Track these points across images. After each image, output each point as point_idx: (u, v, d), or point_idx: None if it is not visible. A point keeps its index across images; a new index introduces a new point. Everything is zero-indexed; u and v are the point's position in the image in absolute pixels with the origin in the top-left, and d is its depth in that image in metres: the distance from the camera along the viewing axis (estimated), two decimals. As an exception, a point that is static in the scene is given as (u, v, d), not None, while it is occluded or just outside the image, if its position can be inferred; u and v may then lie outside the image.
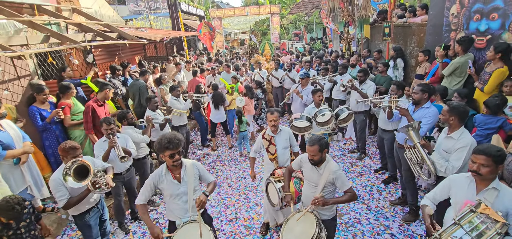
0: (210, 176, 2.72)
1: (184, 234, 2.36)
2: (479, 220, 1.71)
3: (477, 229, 1.69)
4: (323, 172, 2.50)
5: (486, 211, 1.72)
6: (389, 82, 5.59)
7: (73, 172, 2.57)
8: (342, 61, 7.23)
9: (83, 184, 2.59)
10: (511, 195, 1.86)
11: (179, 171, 2.47)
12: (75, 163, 2.59)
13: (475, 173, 1.93)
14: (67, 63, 5.31)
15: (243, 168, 5.59)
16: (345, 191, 2.52)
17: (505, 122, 3.06)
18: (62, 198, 2.64)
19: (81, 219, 2.89)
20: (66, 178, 2.53)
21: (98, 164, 3.07)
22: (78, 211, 2.84)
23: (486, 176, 1.90)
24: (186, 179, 2.48)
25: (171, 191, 2.46)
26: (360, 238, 3.50)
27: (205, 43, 13.57)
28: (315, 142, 2.41)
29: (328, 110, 4.13)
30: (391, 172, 4.55)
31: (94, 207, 2.98)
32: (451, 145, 2.64)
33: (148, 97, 4.67)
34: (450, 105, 2.63)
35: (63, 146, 2.71)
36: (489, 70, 3.65)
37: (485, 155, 1.87)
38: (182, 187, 2.47)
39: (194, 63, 9.61)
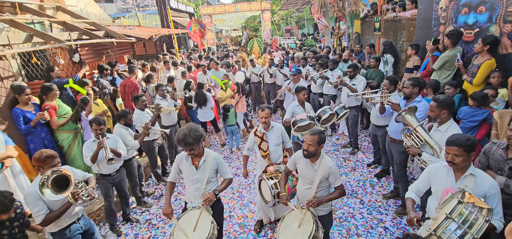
0: (227, 173, 2.79)
1: (188, 219, 2.50)
2: (467, 211, 1.76)
3: (467, 221, 1.73)
4: (318, 167, 2.51)
5: (471, 199, 1.79)
6: (381, 77, 5.63)
7: (51, 183, 2.34)
8: (334, 57, 7.24)
9: (63, 196, 2.37)
10: (486, 180, 1.99)
11: (198, 159, 2.64)
12: (54, 172, 2.37)
13: (451, 163, 2.04)
14: (53, 63, 5.14)
15: (236, 165, 5.55)
16: (336, 187, 2.55)
17: (489, 115, 3.10)
18: (40, 213, 2.39)
19: (61, 236, 2.61)
20: (43, 190, 2.29)
21: (79, 174, 2.85)
22: (58, 227, 2.58)
23: (461, 165, 2.01)
24: (203, 167, 2.63)
25: (187, 175, 2.69)
26: (354, 232, 3.52)
27: (196, 41, 13.41)
28: (316, 132, 2.45)
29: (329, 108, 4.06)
30: (384, 166, 4.58)
31: (75, 222, 2.72)
32: (438, 138, 2.67)
33: (136, 96, 4.54)
34: (438, 100, 2.64)
35: (38, 156, 2.43)
36: (477, 63, 3.70)
37: (456, 145, 1.98)
38: (198, 175, 2.64)
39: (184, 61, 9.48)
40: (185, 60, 9.96)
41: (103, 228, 4.03)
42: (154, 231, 3.93)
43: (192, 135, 2.44)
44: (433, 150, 2.66)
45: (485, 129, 3.11)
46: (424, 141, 2.73)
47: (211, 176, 2.68)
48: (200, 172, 2.63)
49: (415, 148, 2.79)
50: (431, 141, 2.67)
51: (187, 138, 2.42)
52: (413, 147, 2.81)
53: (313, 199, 2.48)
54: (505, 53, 3.58)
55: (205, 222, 2.44)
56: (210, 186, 2.70)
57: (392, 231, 3.47)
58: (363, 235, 3.47)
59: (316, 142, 2.43)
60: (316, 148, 2.45)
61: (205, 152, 2.67)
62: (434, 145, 2.65)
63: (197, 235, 2.35)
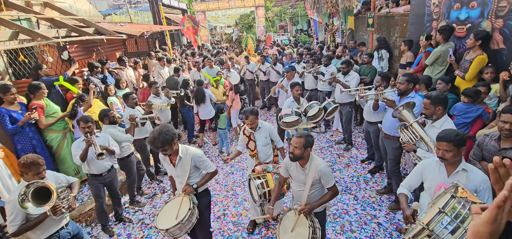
0: (209, 167, 2.81)
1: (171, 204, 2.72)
2: (460, 205, 1.75)
3: (460, 215, 1.72)
4: (308, 171, 2.47)
5: (464, 194, 1.78)
6: (374, 73, 5.64)
7: (32, 196, 2.21)
8: (327, 53, 7.22)
9: (44, 208, 2.27)
10: (477, 175, 2.01)
11: (174, 157, 2.71)
12: (32, 185, 2.23)
13: (441, 158, 2.05)
14: (41, 61, 5.01)
15: (230, 164, 5.51)
16: (328, 188, 2.52)
17: (483, 111, 3.12)
18: (14, 224, 2.27)
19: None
20: (25, 205, 2.17)
21: (62, 178, 2.73)
22: (44, 234, 2.44)
23: (451, 160, 2.02)
24: (180, 165, 2.70)
25: (169, 171, 2.89)
26: (348, 228, 3.53)
27: (189, 38, 13.24)
28: (303, 135, 2.40)
29: (316, 104, 4.08)
30: (378, 162, 4.60)
31: (64, 227, 2.60)
32: (433, 134, 2.66)
33: (126, 94, 4.46)
34: (431, 96, 2.63)
35: (23, 161, 2.31)
36: (468, 58, 3.72)
37: (446, 140, 1.99)
38: (177, 171, 2.74)
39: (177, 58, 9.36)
40: (178, 57, 9.84)
41: (95, 228, 3.96)
42: (147, 230, 3.88)
43: (162, 139, 2.44)
44: (428, 146, 2.66)
45: (479, 125, 3.13)
46: (419, 137, 2.73)
47: (192, 172, 2.74)
48: (178, 169, 2.72)
49: (411, 144, 2.79)
50: (426, 137, 2.68)
51: (156, 142, 2.46)
52: (409, 142, 2.81)
53: (305, 207, 2.47)
54: (497, 48, 3.60)
55: (184, 208, 2.60)
56: (192, 179, 2.79)
57: (385, 227, 3.49)
58: (357, 231, 3.47)
59: (302, 145, 2.36)
60: (302, 151, 2.38)
61: (180, 150, 2.68)
62: (429, 141, 2.66)
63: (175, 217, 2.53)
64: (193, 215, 2.61)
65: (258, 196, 2.91)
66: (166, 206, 2.73)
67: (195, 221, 2.64)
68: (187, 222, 2.53)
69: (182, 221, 2.48)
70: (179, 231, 2.52)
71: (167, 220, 2.55)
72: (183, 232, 2.57)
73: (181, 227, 2.50)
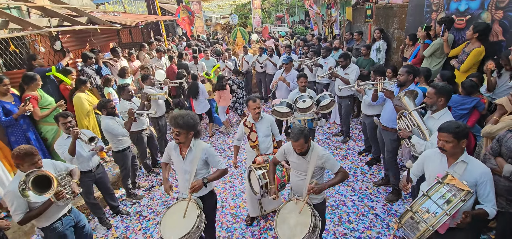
0: (220, 163, 2.72)
1: (176, 210, 2.50)
2: (446, 190, 1.85)
3: (444, 198, 1.83)
4: (310, 159, 2.46)
5: (452, 181, 1.85)
6: (371, 65, 5.61)
7: (32, 184, 2.22)
8: (325, 45, 7.17)
9: (46, 197, 2.28)
10: (478, 167, 2.00)
11: (185, 149, 2.58)
12: (32, 174, 2.24)
13: (441, 149, 2.06)
14: (33, 51, 4.87)
15: (228, 155, 5.50)
16: (336, 172, 2.50)
17: (479, 102, 3.13)
18: (18, 212, 2.29)
19: (52, 231, 2.51)
20: (26, 193, 2.19)
21: (61, 166, 2.72)
22: (48, 221, 2.47)
23: (451, 151, 2.02)
24: (190, 158, 2.58)
25: (176, 164, 2.68)
26: (346, 219, 3.56)
27: (184, 28, 13.04)
28: (299, 136, 2.33)
29: (308, 97, 4.11)
30: (374, 154, 4.62)
31: (66, 215, 2.63)
32: (431, 124, 2.67)
33: (121, 86, 4.35)
34: (437, 87, 2.62)
35: (17, 152, 2.29)
36: (467, 50, 3.71)
37: (446, 131, 2.00)
38: (185, 166, 2.59)
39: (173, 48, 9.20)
40: (174, 48, 9.67)
41: (92, 221, 3.93)
42: (145, 223, 3.87)
43: (185, 119, 2.41)
44: (423, 134, 2.68)
45: (475, 116, 3.15)
46: (416, 125, 2.73)
47: (200, 168, 2.61)
48: (188, 163, 2.59)
49: (406, 131, 2.80)
50: (423, 125, 2.69)
51: (178, 119, 2.41)
52: (405, 130, 2.81)
53: (314, 185, 2.38)
54: (496, 40, 3.60)
55: (191, 215, 2.40)
56: (200, 177, 2.63)
57: (382, 218, 3.52)
58: (354, 222, 3.51)
59: (303, 143, 2.35)
60: (307, 146, 2.39)
61: (192, 143, 2.59)
62: (425, 130, 2.67)
63: (181, 227, 2.34)
64: (202, 222, 2.44)
65: (260, 186, 2.88)
66: (169, 211, 2.52)
67: (204, 227, 2.47)
68: (196, 230, 2.34)
69: (192, 231, 2.29)
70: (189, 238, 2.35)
71: (174, 228, 2.36)
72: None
73: (191, 236, 2.32)
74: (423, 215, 1.83)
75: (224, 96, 6.13)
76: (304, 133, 2.33)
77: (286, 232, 2.40)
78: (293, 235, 2.34)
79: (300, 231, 2.32)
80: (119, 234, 3.70)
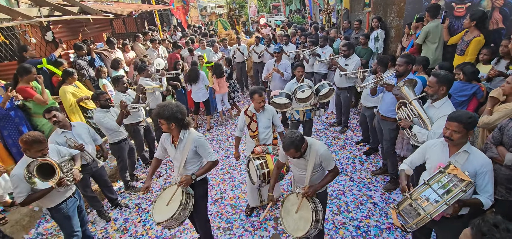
0: (209, 155, 2.69)
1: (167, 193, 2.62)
2: (447, 179, 1.85)
3: (444, 187, 1.84)
4: (309, 157, 2.43)
5: (454, 171, 1.85)
6: (369, 54, 5.58)
7: (37, 172, 2.37)
8: (322, 34, 7.09)
9: (50, 184, 2.42)
10: (479, 158, 1.99)
11: (176, 139, 2.64)
12: (35, 162, 2.38)
13: (448, 138, 2.02)
14: (23, 42, 4.72)
15: (226, 147, 5.48)
16: (329, 170, 2.51)
17: (478, 90, 3.13)
18: (21, 195, 2.44)
19: (58, 211, 2.68)
20: (33, 180, 2.35)
21: (64, 152, 2.85)
22: (54, 202, 2.63)
23: (457, 141, 2.00)
24: (180, 148, 2.63)
25: (170, 153, 2.75)
26: (344, 209, 3.59)
27: (179, 18, 12.80)
28: (289, 146, 2.26)
29: (307, 86, 4.08)
30: (372, 144, 4.64)
31: (71, 197, 2.77)
32: (432, 113, 2.67)
33: (116, 77, 4.25)
34: (439, 76, 2.58)
35: (25, 138, 2.42)
36: (466, 39, 3.69)
37: (457, 121, 1.95)
38: (176, 153, 2.66)
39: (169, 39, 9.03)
40: (169, 38, 9.49)
41: (91, 214, 3.90)
42: (144, 215, 3.85)
43: (169, 111, 2.45)
44: (424, 124, 2.67)
45: (474, 104, 3.15)
46: (417, 115, 2.72)
47: (190, 157, 2.65)
48: (178, 151, 2.65)
49: (407, 121, 2.79)
50: (424, 115, 2.68)
51: (164, 110, 2.45)
52: (406, 119, 2.81)
53: (308, 190, 2.44)
54: (496, 28, 3.58)
55: (176, 202, 2.51)
56: (190, 166, 2.70)
57: (381, 206, 3.56)
58: (353, 211, 3.54)
59: (295, 151, 2.29)
60: (300, 152, 2.33)
61: (181, 134, 2.62)
62: (426, 119, 2.67)
63: (167, 211, 2.47)
64: (186, 209, 2.55)
65: (258, 176, 2.89)
66: (164, 192, 2.66)
67: (189, 214, 2.60)
68: (179, 216, 2.49)
69: (173, 217, 2.43)
70: (174, 223, 2.53)
71: (162, 211, 2.52)
72: (177, 224, 2.58)
73: (173, 221, 2.48)
74: (422, 203, 1.84)
75: (222, 84, 6.07)
76: (294, 143, 2.24)
77: (291, 224, 2.46)
78: (297, 228, 2.41)
79: (303, 225, 2.38)
80: (118, 227, 3.68)
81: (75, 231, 2.80)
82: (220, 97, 6.28)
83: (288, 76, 5.35)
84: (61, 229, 2.85)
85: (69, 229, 2.77)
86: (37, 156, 2.46)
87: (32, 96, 3.74)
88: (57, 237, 3.52)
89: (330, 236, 3.20)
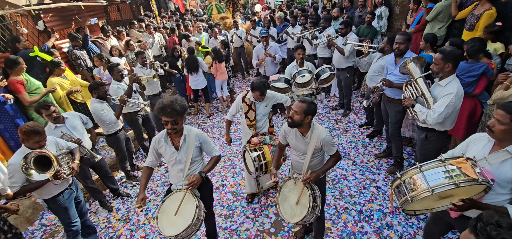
0: (213, 150, 2.55)
1: (172, 202, 2.34)
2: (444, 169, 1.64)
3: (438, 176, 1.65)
4: (309, 140, 2.33)
5: (461, 164, 1.62)
6: (373, 34, 5.37)
7: (34, 164, 2.37)
8: (324, 14, 6.83)
9: (47, 176, 2.42)
10: None
11: (178, 138, 2.39)
12: (32, 153, 2.37)
13: (489, 129, 1.74)
14: (15, 33, 4.60)
15: (226, 134, 5.41)
16: (331, 156, 2.42)
17: (487, 68, 2.96)
18: (15, 184, 2.44)
19: (54, 203, 2.68)
20: (30, 172, 2.35)
21: (62, 144, 2.81)
22: (50, 194, 2.63)
23: (500, 135, 1.69)
24: (184, 148, 2.40)
25: (168, 157, 2.43)
26: (347, 193, 3.53)
27: (177, 3, 12.47)
28: (306, 101, 2.23)
29: (307, 71, 3.99)
30: (377, 127, 4.52)
31: (67, 188, 2.76)
32: (437, 92, 2.54)
33: (111, 65, 4.12)
34: (444, 52, 2.43)
35: (24, 128, 2.41)
36: (476, 13, 3.49)
37: (505, 110, 1.64)
38: (179, 155, 2.40)
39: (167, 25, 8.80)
40: (168, 24, 9.25)
41: (93, 204, 3.91)
42: (146, 204, 3.84)
43: (179, 103, 2.22)
44: (427, 102, 2.55)
45: (484, 83, 3.00)
46: (421, 93, 2.60)
47: (195, 156, 2.44)
48: (182, 152, 2.38)
49: (410, 99, 2.68)
50: (427, 93, 2.56)
51: (175, 105, 2.18)
52: (410, 98, 2.69)
53: (309, 175, 2.34)
54: (508, 0, 3.36)
55: (189, 207, 2.25)
56: (195, 166, 2.48)
57: (384, 190, 3.50)
58: (356, 195, 3.48)
59: (303, 110, 2.19)
60: (302, 118, 2.22)
61: (185, 129, 2.40)
62: (429, 97, 2.54)
63: (180, 220, 2.20)
64: (202, 211, 2.31)
65: (255, 168, 2.82)
66: (164, 204, 2.33)
67: (204, 216, 2.35)
68: (197, 221, 2.22)
69: (193, 223, 2.17)
70: (191, 231, 2.23)
71: (172, 223, 2.22)
72: (194, 232, 2.28)
73: (192, 228, 2.21)
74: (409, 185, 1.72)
75: (221, 70, 5.92)
76: (311, 105, 2.24)
77: (288, 210, 2.40)
78: (294, 214, 2.35)
79: (300, 211, 2.32)
80: (120, 216, 3.69)
81: (72, 222, 2.81)
82: (219, 84, 6.15)
83: (280, 58, 5.39)
84: (60, 220, 2.87)
85: (67, 220, 2.78)
86: (35, 147, 2.45)
87: (19, 93, 3.66)
88: (60, 227, 3.53)
89: (332, 221, 3.16)
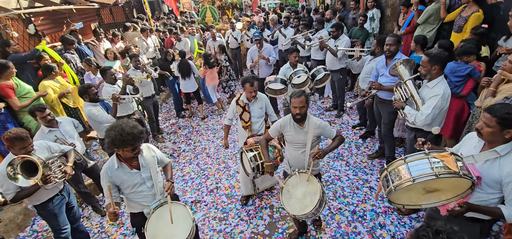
0: (164, 157, 2.52)
1: (159, 218, 2.21)
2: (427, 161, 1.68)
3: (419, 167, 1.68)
4: (307, 129, 2.45)
5: (444, 158, 1.65)
6: (365, 36, 5.43)
7: (21, 169, 2.32)
8: (316, 16, 6.89)
9: (32, 181, 2.35)
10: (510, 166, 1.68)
11: (136, 159, 2.18)
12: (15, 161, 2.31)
13: (477, 131, 1.79)
14: (5, 37, 4.53)
15: (220, 136, 5.41)
16: (333, 138, 2.54)
17: (473, 70, 3.03)
18: (9, 192, 2.40)
19: (44, 209, 2.65)
20: (17, 177, 2.30)
21: (55, 148, 2.76)
22: (39, 200, 2.59)
23: (488, 138, 1.74)
24: (145, 163, 2.23)
25: (131, 182, 2.18)
26: (340, 194, 3.56)
27: (170, 5, 12.43)
28: (301, 93, 2.38)
29: (303, 71, 4.03)
30: (369, 128, 4.57)
31: (58, 195, 2.72)
32: (425, 93, 2.59)
33: (103, 69, 4.09)
34: (431, 54, 2.49)
35: (7, 135, 2.37)
36: (464, 15, 3.56)
37: (491, 113, 1.69)
38: (144, 173, 2.23)
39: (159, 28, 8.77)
40: (161, 27, 9.22)
41: (86, 209, 3.86)
42: (139, 209, 3.81)
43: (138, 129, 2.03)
44: (416, 104, 2.61)
45: (471, 84, 3.06)
46: (410, 94, 2.66)
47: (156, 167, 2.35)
48: (145, 170, 2.23)
49: (400, 101, 2.73)
50: (416, 95, 2.61)
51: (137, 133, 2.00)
52: (400, 100, 2.74)
53: (319, 151, 2.37)
54: (494, 2, 3.45)
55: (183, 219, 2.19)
56: (160, 178, 2.40)
57: (377, 190, 3.53)
58: (349, 196, 3.51)
59: (305, 102, 2.36)
60: (306, 108, 2.39)
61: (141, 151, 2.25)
62: (417, 99, 2.60)
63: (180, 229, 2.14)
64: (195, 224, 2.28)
65: (251, 168, 2.83)
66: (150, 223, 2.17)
67: None
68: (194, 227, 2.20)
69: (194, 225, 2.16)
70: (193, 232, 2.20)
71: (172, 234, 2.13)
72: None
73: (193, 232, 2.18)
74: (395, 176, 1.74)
75: (212, 75, 5.91)
76: (305, 92, 2.41)
77: (296, 205, 2.34)
78: (305, 206, 2.29)
79: (311, 200, 2.27)
80: (113, 221, 3.65)
81: (62, 228, 2.76)
82: (212, 89, 6.15)
83: (274, 60, 5.43)
84: (49, 226, 2.82)
85: (56, 226, 2.74)
86: (21, 153, 2.40)
87: (9, 98, 3.61)
88: (52, 234, 3.48)
89: (326, 222, 3.18)
